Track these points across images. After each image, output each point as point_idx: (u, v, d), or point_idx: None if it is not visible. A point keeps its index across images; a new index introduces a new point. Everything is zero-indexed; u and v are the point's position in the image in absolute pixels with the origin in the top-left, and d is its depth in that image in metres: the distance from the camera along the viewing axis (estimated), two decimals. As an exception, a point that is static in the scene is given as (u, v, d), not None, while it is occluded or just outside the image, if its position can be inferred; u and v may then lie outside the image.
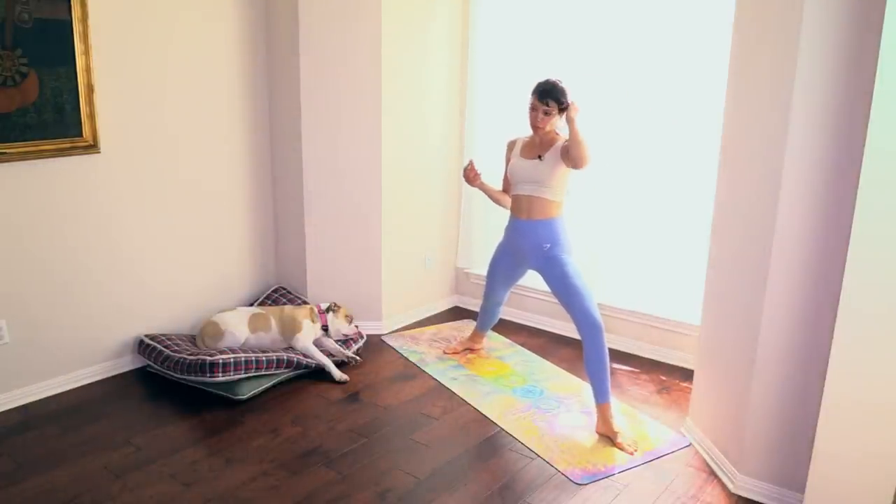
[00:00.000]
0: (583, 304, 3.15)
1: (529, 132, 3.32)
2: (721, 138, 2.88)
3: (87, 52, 3.20)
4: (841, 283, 2.21)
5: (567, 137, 3.17)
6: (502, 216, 3.56)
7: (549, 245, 3.25)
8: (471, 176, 3.47)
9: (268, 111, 4.07)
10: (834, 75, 2.30)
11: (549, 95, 3.15)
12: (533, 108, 3.20)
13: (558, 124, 3.23)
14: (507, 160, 3.44)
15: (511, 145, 3.45)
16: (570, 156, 3.10)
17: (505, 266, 3.56)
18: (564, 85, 3.16)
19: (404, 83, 4.05)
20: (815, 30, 2.30)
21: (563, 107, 3.15)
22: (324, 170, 4.00)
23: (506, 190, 3.52)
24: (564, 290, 3.21)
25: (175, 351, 3.43)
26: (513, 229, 3.41)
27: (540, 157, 3.22)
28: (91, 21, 3.19)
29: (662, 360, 3.91)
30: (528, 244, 3.31)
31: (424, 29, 4.13)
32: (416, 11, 4.04)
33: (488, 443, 3.07)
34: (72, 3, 3.12)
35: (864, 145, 2.11)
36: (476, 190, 4.56)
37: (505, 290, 3.73)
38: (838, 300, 2.22)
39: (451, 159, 4.48)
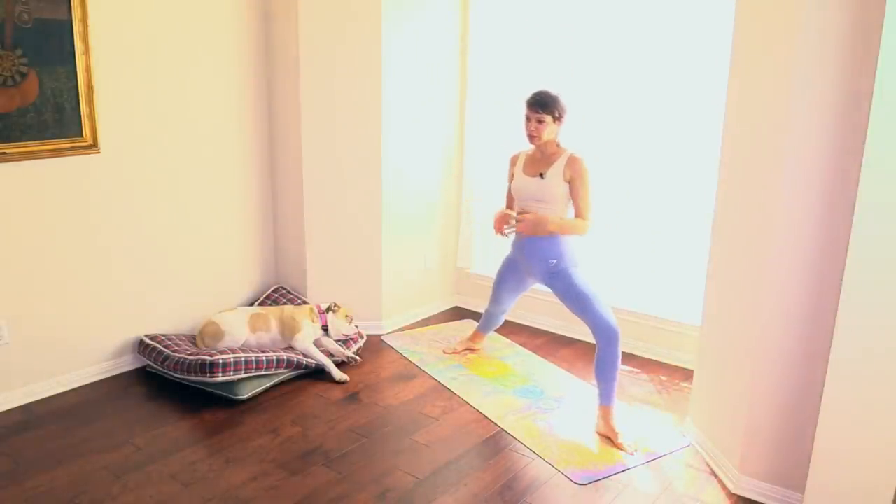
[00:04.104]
0: (597, 312, 3.14)
1: (531, 145, 3.30)
2: (721, 138, 2.88)
3: (87, 52, 3.20)
4: (841, 283, 2.22)
5: (570, 152, 3.20)
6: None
7: (555, 261, 3.24)
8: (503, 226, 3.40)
9: (268, 111, 4.07)
10: (834, 75, 2.30)
11: (538, 104, 3.14)
12: (526, 118, 3.20)
13: (557, 133, 3.22)
14: (511, 175, 3.42)
15: (514, 160, 3.42)
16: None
17: (512, 279, 3.56)
18: (557, 93, 3.16)
19: (404, 83, 4.04)
20: (816, 29, 2.30)
21: (556, 116, 3.15)
22: (324, 170, 4.00)
23: (509, 204, 3.51)
24: (576, 300, 3.20)
25: (175, 351, 3.43)
26: (519, 245, 3.40)
27: (542, 174, 3.21)
28: (91, 21, 3.19)
29: (662, 360, 3.91)
30: (535, 260, 3.30)
31: (424, 28, 4.12)
32: (417, 11, 4.04)
33: (488, 443, 3.07)
34: (72, 3, 3.12)
35: (864, 145, 2.11)
36: (476, 190, 4.56)
37: (511, 300, 3.72)
38: (838, 300, 2.22)
39: (451, 159, 4.48)
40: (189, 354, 3.37)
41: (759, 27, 2.61)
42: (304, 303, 4.02)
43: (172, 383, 3.45)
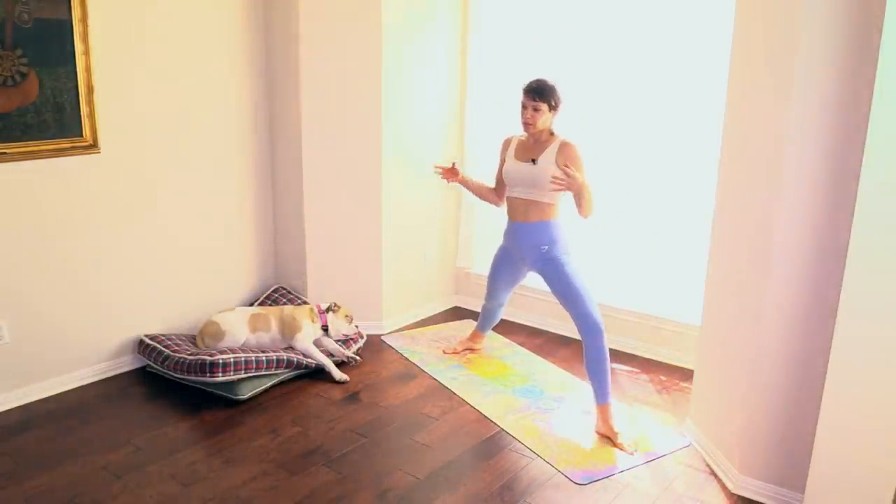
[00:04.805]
0: (583, 306, 3.15)
1: (525, 132, 3.30)
2: (721, 138, 2.88)
3: (87, 53, 3.20)
4: (841, 283, 2.22)
5: (562, 138, 3.20)
6: (503, 215, 3.56)
7: (546, 247, 3.24)
8: (448, 175, 3.51)
9: (268, 111, 4.07)
10: (835, 74, 2.30)
11: (536, 92, 3.15)
12: (523, 106, 3.20)
13: (551, 122, 3.22)
14: (502, 160, 3.43)
15: (506, 144, 3.43)
16: (577, 208, 3.14)
17: (505, 268, 3.56)
18: (554, 83, 3.16)
19: (404, 83, 4.04)
20: (816, 29, 2.30)
21: (553, 105, 3.15)
22: (324, 170, 4.00)
23: (498, 188, 3.51)
24: (564, 291, 3.21)
25: (175, 351, 3.43)
26: (511, 232, 3.41)
27: (534, 160, 3.21)
28: (91, 21, 3.19)
29: (662, 360, 3.91)
30: (526, 246, 3.31)
31: (425, 28, 4.13)
32: (416, 11, 4.05)
33: (488, 443, 3.07)
34: (72, 3, 3.12)
35: (864, 145, 2.11)
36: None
37: (506, 292, 3.73)
38: (838, 300, 2.22)
39: (451, 158, 4.47)
40: (189, 354, 3.37)
41: (758, 27, 2.61)
42: (304, 303, 4.02)
43: (172, 383, 3.45)
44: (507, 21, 4.20)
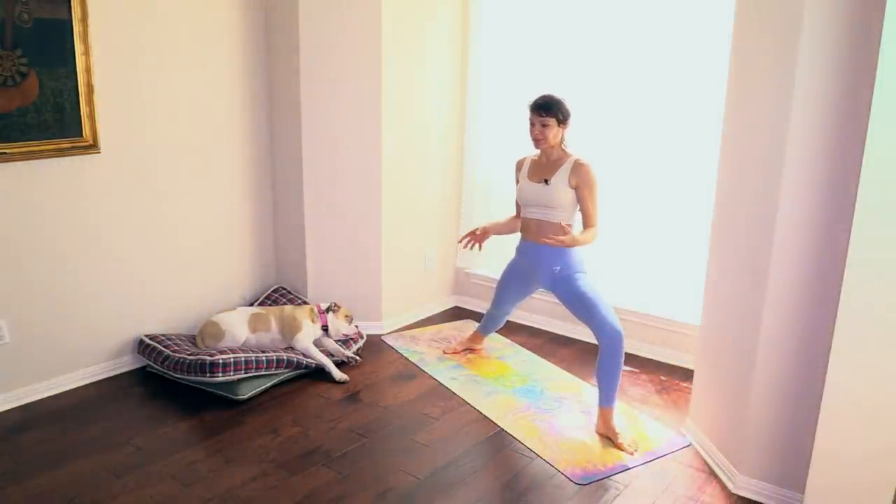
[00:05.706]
0: (601, 315, 3.11)
1: (536, 150, 3.29)
2: (721, 138, 2.88)
3: (87, 53, 3.20)
4: (841, 283, 2.22)
5: (576, 157, 3.19)
6: (501, 215, 3.56)
7: (559, 268, 3.23)
8: (478, 240, 3.55)
9: (268, 111, 4.07)
10: (835, 74, 2.30)
11: (542, 108, 3.13)
12: (531, 123, 3.18)
13: (561, 137, 3.21)
14: (517, 181, 3.41)
15: (519, 165, 3.41)
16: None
17: (515, 284, 3.55)
18: (560, 97, 3.16)
19: (404, 83, 4.04)
20: (816, 28, 2.30)
21: (560, 118, 3.14)
22: (324, 170, 4.00)
23: (518, 210, 3.50)
24: (580, 305, 3.18)
25: (175, 351, 3.43)
26: (523, 251, 3.40)
27: (546, 180, 3.20)
28: (91, 21, 3.19)
29: (662, 360, 3.90)
30: (539, 266, 3.29)
31: (425, 28, 4.13)
32: (417, 11, 4.05)
33: (488, 443, 3.07)
34: (72, 3, 3.12)
35: (864, 145, 2.11)
36: (476, 190, 4.55)
37: (513, 305, 3.71)
38: (838, 299, 2.22)
39: (450, 159, 4.48)
40: (189, 354, 3.37)
41: (759, 28, 2.61)
42: (304, 303, 4.02)
43: (172, 383, 3.45)
44: (508, 20, 4.19)
